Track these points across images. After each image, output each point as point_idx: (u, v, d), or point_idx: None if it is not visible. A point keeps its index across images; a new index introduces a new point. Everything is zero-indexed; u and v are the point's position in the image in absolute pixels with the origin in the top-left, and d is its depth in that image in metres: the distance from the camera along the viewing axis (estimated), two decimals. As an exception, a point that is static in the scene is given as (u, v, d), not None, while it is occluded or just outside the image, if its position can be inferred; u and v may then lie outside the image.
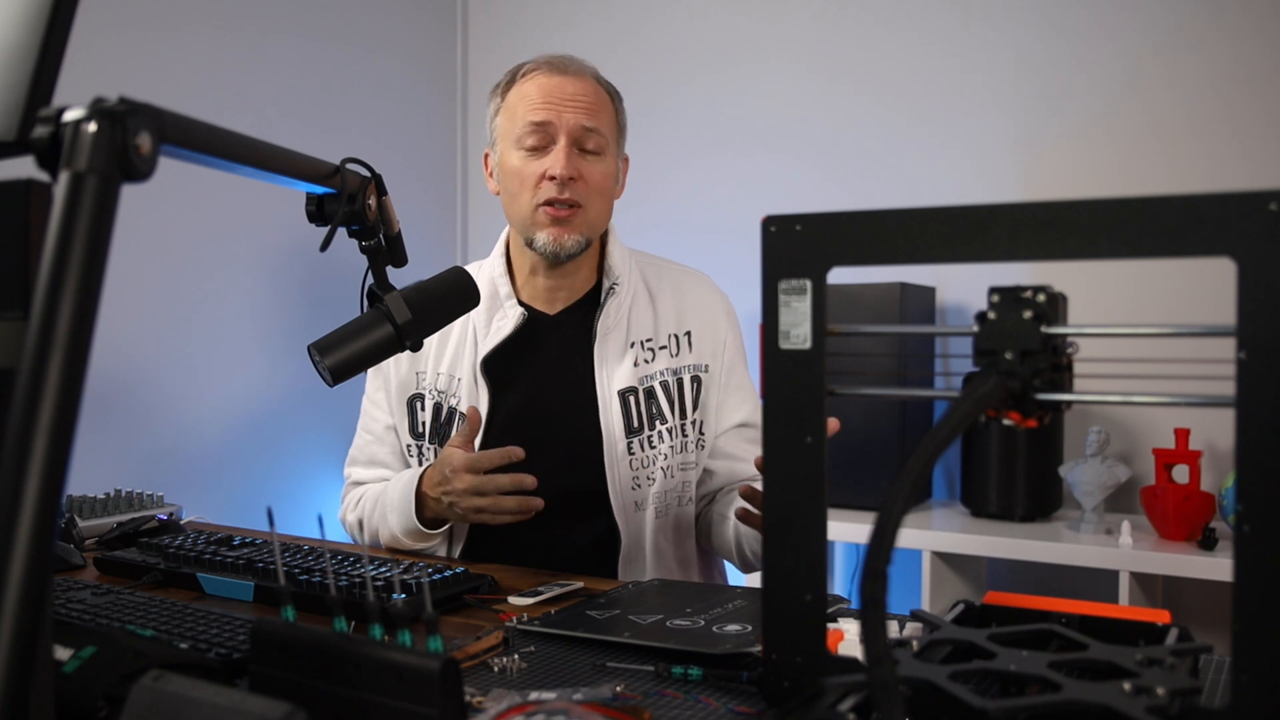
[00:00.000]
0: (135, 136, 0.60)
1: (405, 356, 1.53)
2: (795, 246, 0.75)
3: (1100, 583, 2.05)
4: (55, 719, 0.63)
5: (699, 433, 1.50)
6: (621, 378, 1.46)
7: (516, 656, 0.92)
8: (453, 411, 1.49)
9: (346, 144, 2.55)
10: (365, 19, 2.88)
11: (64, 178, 0.58)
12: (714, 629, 0.97)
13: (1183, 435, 2.06)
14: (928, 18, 2.59)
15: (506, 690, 0.82)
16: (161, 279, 2.32)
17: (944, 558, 2.18)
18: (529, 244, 1.46)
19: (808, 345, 0.75)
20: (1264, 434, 0.60)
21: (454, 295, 1.16)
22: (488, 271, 1.52)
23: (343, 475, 1.63)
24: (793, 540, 0.76)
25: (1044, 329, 0.67)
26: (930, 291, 2.46)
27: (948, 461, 2.49)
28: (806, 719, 0.68)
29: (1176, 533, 2.01)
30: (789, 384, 0.76)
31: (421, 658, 0.66)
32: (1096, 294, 2.28)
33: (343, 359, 1.06)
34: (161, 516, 1.51)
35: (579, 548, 1.47)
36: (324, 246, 0.97)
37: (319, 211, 1.03)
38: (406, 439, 1.53)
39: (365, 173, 1.04)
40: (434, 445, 1.50)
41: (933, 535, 2.14)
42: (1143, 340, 0.71)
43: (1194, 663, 0.79)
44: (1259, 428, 0.60)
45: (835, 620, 0.90)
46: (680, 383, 1.48)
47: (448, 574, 1.15)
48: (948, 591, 2.20)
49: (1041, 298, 0.68)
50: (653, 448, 1.45)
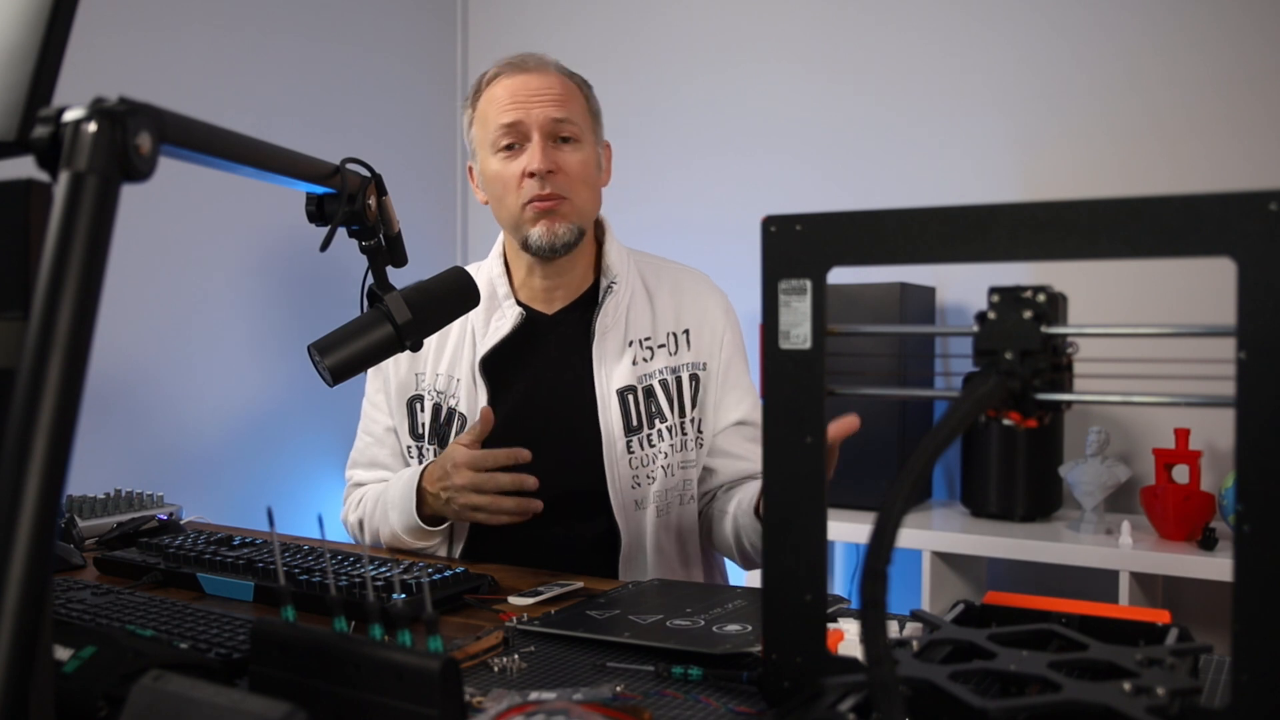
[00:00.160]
0: (135, 136, 0.60)
1: (405, 358, 1.53)
2: (795, 246, 0.75)
3: (1100, 583, 2.05)
4: (55, 719, 0.63)
5: (698, 431, 1.50)
6: (620, 376, 1.46)
7: (516, 656, 0.92)
8: (452, 412, 1.49)
9: (346, 144, 2.55)
10: (365, 19, 2.88)
11: (64, 178, 0.58)
12: (714, 629, 0.97)
13: (1183, 435, 2.06)
14: (928, 18, 2.59)
15: (506, 690, 0.82)
16: (161, 279, 2.32)
17: (944, 558, 2.18)
18: (524, 244, 1.46)
19: (808, 345, 0.75)
20: (1264, 434, 0.60)
21: (454, 295, 1.16)
22: (486, 272, 1.53)
23: (343, 477, 1.63)
24: (793, 540, 0.76)
25: (1044, 329, 0.67)
26: (930, 291, 2.46)
27: (948, 461, 2.49)
28: (806, 719, 0.68)
29: (1176, 533, 2.01)
30: (789, 384, 0.76)
31: (421, 658, 0.66)
32: (1096, 294, 2.28)
33: (343, 359, 1.06)
34: (161, 516, 1.51)
35: (579, 547, 1.47)
36: (324, 246, 0.97)
37: (319, 211, 1.03)
38: (407, 440, 1.53)
39: (365, 173, 1.04)
40: (434, 446, 1.50)
41: (933, 535, 2.14)
42: (1143, 340, 0.71)
43: (1194, 663, 0.79)
44: (1259, 428, 0.61)
45: (835, 620, 0.90)
46: (679, 381, 1.49)
47: (448, 574, 1.15)
48: (948, 591, 2.20)
49: (1041, 298, 0.68)
50: (652, 446, 1.46)
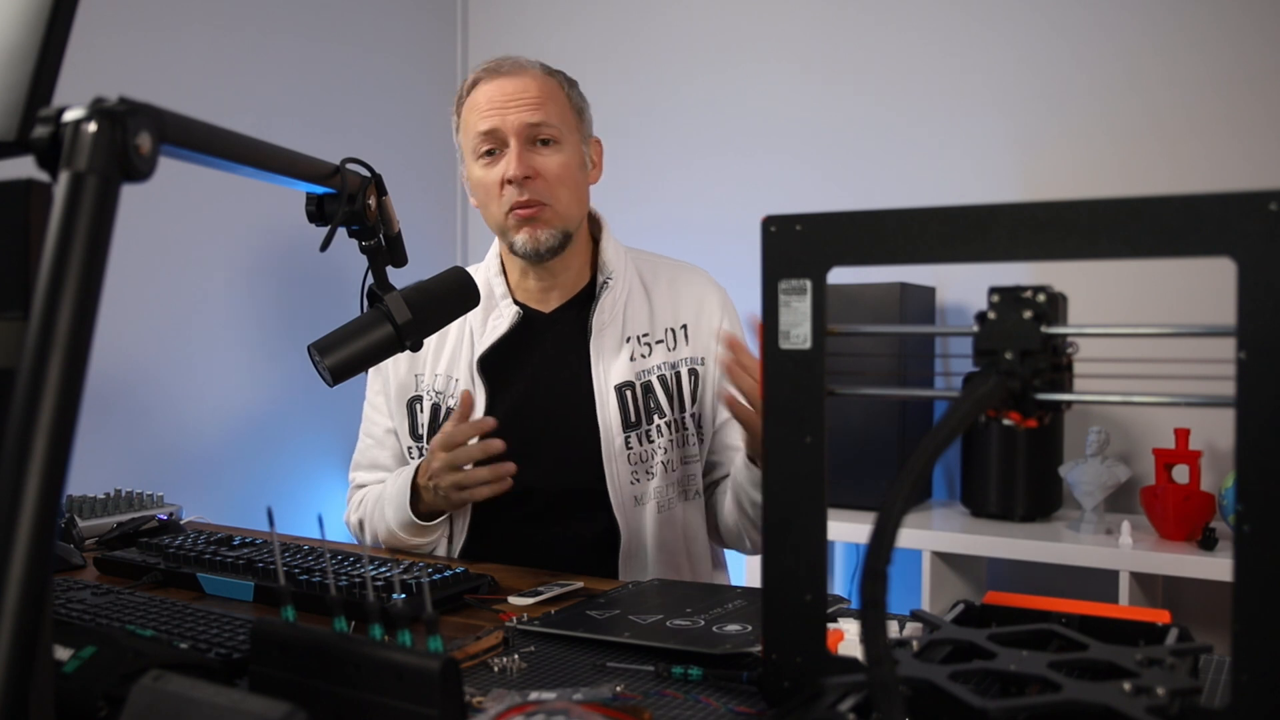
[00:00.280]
0: (135, 136, 0.60)
1: (404, 359, 1.54)
2: (795, 246, 0.75)
3: (1100, 583, 2.05)
4: (55, 719, 0.63)
5: (698, 425, 1.50)
6: (618, 373, 1.46)
7: (516, 656, 0.92)
8: (450, 412, 1.49)
9: (346, 144, 2.55)
10: (365, 19, 2.88)
11: (64, 178, 0.58)
12: (714, 629, 0.97)
13: (1183, 435, 2.06)
14: (928, 18, 2.58)
15: (506, 690, 0.82)
16: (161, 279, 2.32)
17: (944, 558, 2.18)
18: (510, 249, 1.48)
19: (808, 345, 0.75)
20: (1264, 434, 0.60)
21: (454, 295, 1.16)
22: (483, 273, 1.53)
23: (343, 477, 1.63)
24: (793, 540, 0.76)
25: (1044, 329, 0.67)
26: (930, 291, 2.46)
27: (948, 461, 2.49)
28: (806, 719, 0.68)
29: (1176, 533, 2.01)
30: (789, 384, 0.76)
31: (421, 658, 0.66)
32: (1096, 294, 2.28)
33: (343, 359, 1.06)
34: (161, 516, 1.51)
35: (579, 545, 1.47)
36: (324, 246, 0.97)
37: (319, 211, 1.03)
38: (407, 441, 1.53)
39: (365, 173, 1.04)
40: (433, 446, 1.50)
41: (933, 535, 2.14)
42: (1143, 340, 0.71)
43: (1194, 663, 0.79)
44: (1259, 428, 0.61)
45: (835, 620, 0.90)
46: (678, 376, 1.48)
47: (448, 574, 1.15)
48: (948, 591, 2.20)
49: (1041, 298, 0.68)
50: (650, 442, 1.46)
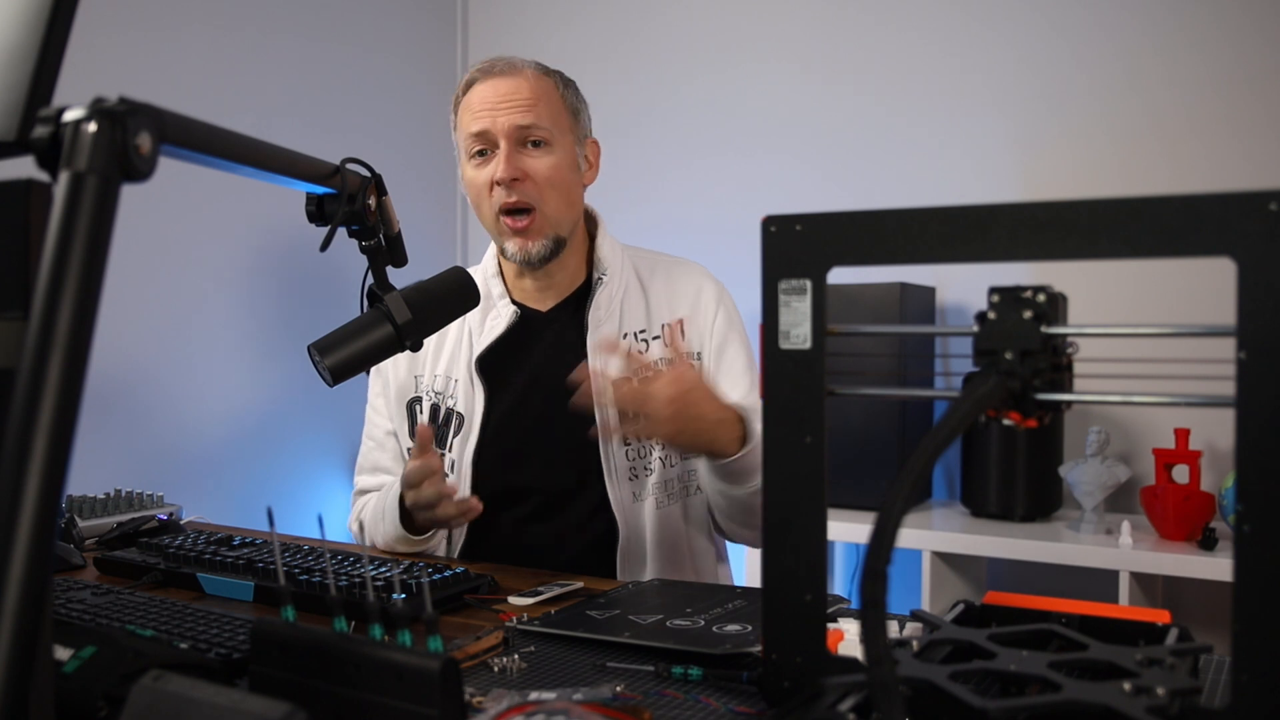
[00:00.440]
0: (135, 136, 0.60)
1: (404, 361, 1.54)
2: (795, 246, 0.75)
3: (1100, 583, 2.05)
4: (55, 719, 0.63)
5: None
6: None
7: (516, 656, 0.92)
8: (450, 412, 1.49)
9: (346, 144, 2.54)
10: (365, 19, 2.88)
11: (64, 178, 0.58)
12: (714, 629, 0.97)
13: (1183, 435, 2.06)
14: (928, 18, 2.58)
15: (506, 690, 0.82)
16: (161, 279, 2.32)
17: (944, 558, 2.18)
18: (502, 253, 1.48)
19: (808, 345, 0.75)
20: (1264, 434, 0.60)
21: (454, 295, 1.16)
22: (481, 273, 1.53)
23: (343, 477, 1.63)
24: (793, 540, 0.76)
25: (1044, 329, 0.67)
26: (930, 291, 2.46)
27: (948, 461, 2.49)
28: (806, 719, 0.68)
29: (1176, 533, 2.01)
30: (789, 384, 0.76)
31: (421, 658, 0.66)
32: (1096, 294, 2.28)
33: (343, 359, 1.07)
34: (161, 516, 1.51)
35: (579, 542, 1.46)
36: (324, 246, 0.97)
37: (319, 211, 1.03)
38: (407, 442, 1.53)
39: (365, 173, 1.04)
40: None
41: (933, 535, 2.14)
42: (1143, 340, 0.71)
43: (1194, 663, 0.79)
44: (1259, 428, 0.60)
45: (835, 620, 0.90)
46: None
47: (448, 574, 1.15)
48: (948, 591, 2.20)
49: (1041, 298, 0.68)
50: (648, 439, 1.45)
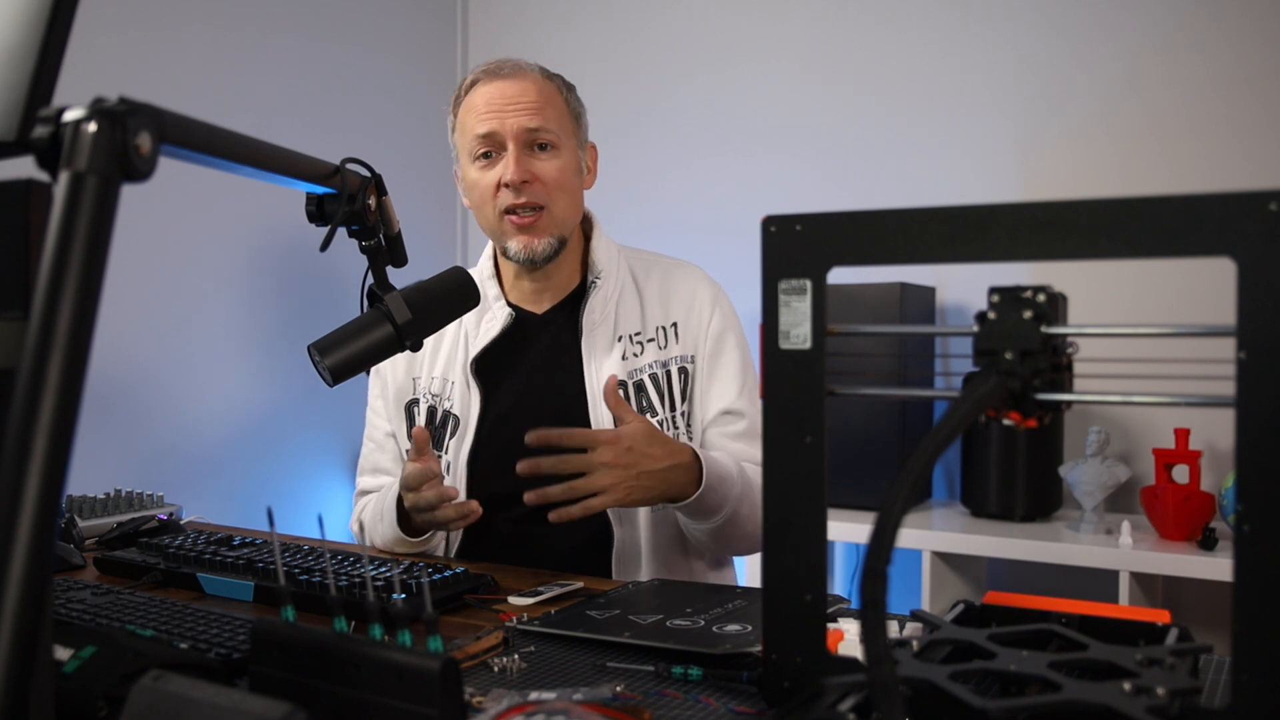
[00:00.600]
0: (135, 136, 0.60)
1: (402, 363, 1.54)
2: (795, 246, 0.75)
3: (1100, 583, 2.05)
4: (55, 719, 0.63)
5: (689, 424, 1.49)
6: (610, 371, 1.46)
7: (516, 656, 0.92)
8: (446, 414, 1.49)
9: (346, 144, 2.54)
10: (365, 19, 2.88)
11: (64, 178, 0.58)
12: (714, 629, 0.97)
13: (1183, 435, 2.06)
14: (928, 18, 2.58)
15: (506, 690, 0.82)
16: (161, 279, 2.32)
17: (944, 558, 2.18)
18: (504, 253, 1.48)
19: (808, 345, 0.75)
20: (1264, 434, 0.60)
21: (454, 295, 1.16)
22: (477, 274, 1.53)
23: (343, 478, 1.63)
24: (793, 540, 0.76)
25: (1044, 329, 0.67)
26: (930, 291, 2.45)
27: (948, 461, 2.49)
28: (806, 719, 0.68)
29: (1176, 533, 2.01)
30: (789, 384, 0.76)
31: (421, 658, 0.66)
32: (1096, 294, 2.28)
33: (343, 359, 1.07)
34: (161, 516, 1.51)
35: (574, 544, 1.46)
36: (324, 246, 0.97)
37: (319, 211, 1.03)
38: (406, 444, 1.53)
39: (365, 173, 1.04)
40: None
41: (933, 535, 2.14)
42: (1143, 340, 0.71)
43: (1194, 663, 0.79)
44: (1259, 428, 0.60)
45: (835, 620, 0.90)
46: (669, 374, 1.48)
47: (448, 574, 1.15)
48: (948, 591, 2.20)
49: (1041, 298, 0.68)
50: None
